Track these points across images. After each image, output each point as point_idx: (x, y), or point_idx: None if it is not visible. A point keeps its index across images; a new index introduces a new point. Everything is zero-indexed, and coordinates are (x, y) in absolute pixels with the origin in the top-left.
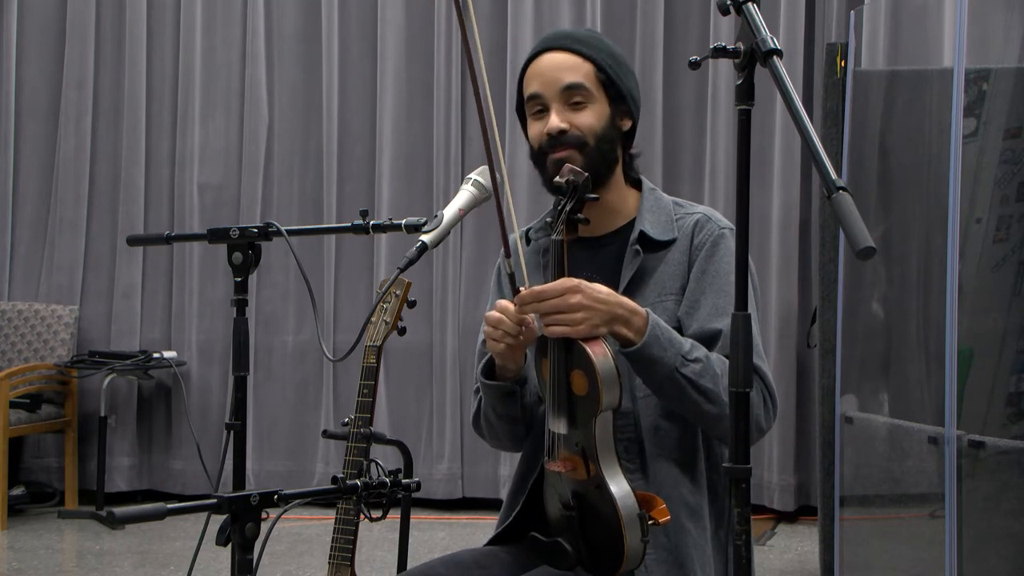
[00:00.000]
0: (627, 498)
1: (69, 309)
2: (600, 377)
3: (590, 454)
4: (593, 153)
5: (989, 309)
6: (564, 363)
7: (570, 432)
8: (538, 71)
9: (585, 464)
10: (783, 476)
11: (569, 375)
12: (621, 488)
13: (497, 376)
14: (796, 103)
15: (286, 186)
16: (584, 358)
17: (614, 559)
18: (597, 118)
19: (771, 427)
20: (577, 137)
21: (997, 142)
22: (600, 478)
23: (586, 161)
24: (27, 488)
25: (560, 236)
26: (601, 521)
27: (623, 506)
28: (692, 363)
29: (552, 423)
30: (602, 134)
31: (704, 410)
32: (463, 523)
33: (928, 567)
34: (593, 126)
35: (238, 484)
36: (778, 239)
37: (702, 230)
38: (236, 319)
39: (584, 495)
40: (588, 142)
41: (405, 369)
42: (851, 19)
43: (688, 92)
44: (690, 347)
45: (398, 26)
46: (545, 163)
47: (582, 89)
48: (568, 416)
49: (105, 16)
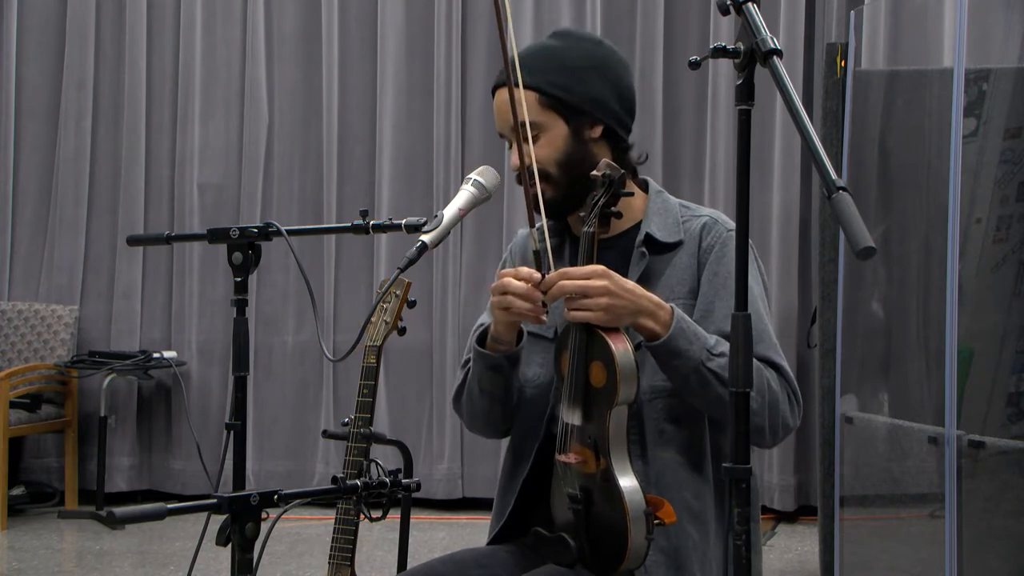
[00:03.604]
0: (635, 493)
1: (69, 309)
2: (619, 369)
3: (601, 447)
4: (560, 179)
5: (989, 309)
6: (584, 353)
7: (584, 424)
8: (495, 110)
9: (596, 457)
10: (783, 476)
11: (588, 366)
12: (630, 483)
13: (488, 348)
14: (796, 103)
15: (286, 186)
16: (605, 350)
17: (616, 555)
18: (553, 146)
19: (798, 424)
20: (539, 170)
21: (997, 142)
22: (609, 472)
23: (555, 190)
24: (27, 488)
25: (592, 228)
26: (607, 516)
27: (630, 501)
28: (717, 357)
29: (567, 414)
30: (564, 159)
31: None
32: (463, 523)
33: (928, 567)
34: (550, 155)
35: (238, 484)
36: (778, 239)
37: (709, 233)
38: (236, 319)
39: (592, 489)
40: (551, 171)
41: (405, 369)
42: (851, 19)
43: (688, 92)
44: (715, 342)
45: (398, 26)
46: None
47: (532, 124)
48: (583, 407)
49: (105, 16)
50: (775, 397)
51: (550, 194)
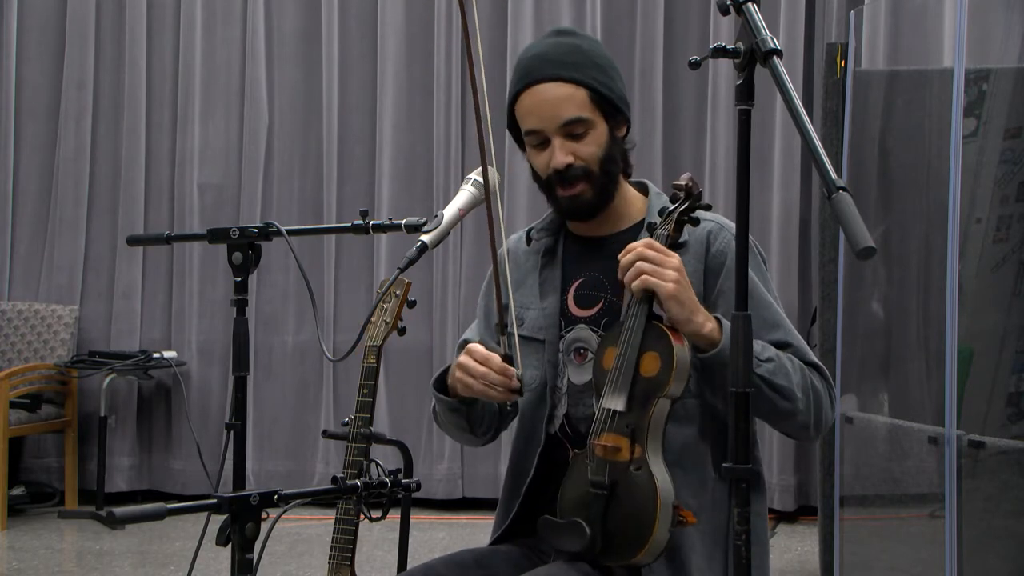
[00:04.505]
0: (666, 483)
1: (69, 309)
2: (676, 363)
3: (639, 436)
4: (600, 179)
5: (989, 309)
6: (640, 341)
7: (626, 411)
8: (533, 106)
9: (631, 446)
10: (783, 476)
11: (641, 355)
12: (663, 474)
13: (448, 391)
14: (796, 103)
15: (286, 186)
16: (664, 342)
17: (635, 544)
18: (598, 143)
19: (835, 419)
20: (583, 168)
21: (997, 142)
22: (643, 461)
23: (594, 190)
24: (27, 488)
25: (667, 231)
26: (633, 504)
27: (663, 491)
28: (765, 363)
29: (608, 400)
30: (605, 156)
31: (780, 407)
32: (463, 523)
33: (928, 567)
34: (596, 153)
35: (238, 484)
36: (778, 239)
37: (717, 239)
38: (236, 319)
39: (619, 477)
40: (593, 170)
41: (405, 369)
42: (851, 19)
43: (688, 92)
44: (761, 347)
45: (398, 26)
46: (555, 195)
47: (581, 121)
48: (628, 394)
49: (105, 16)
50: (819, 396)
51: (588, 195)
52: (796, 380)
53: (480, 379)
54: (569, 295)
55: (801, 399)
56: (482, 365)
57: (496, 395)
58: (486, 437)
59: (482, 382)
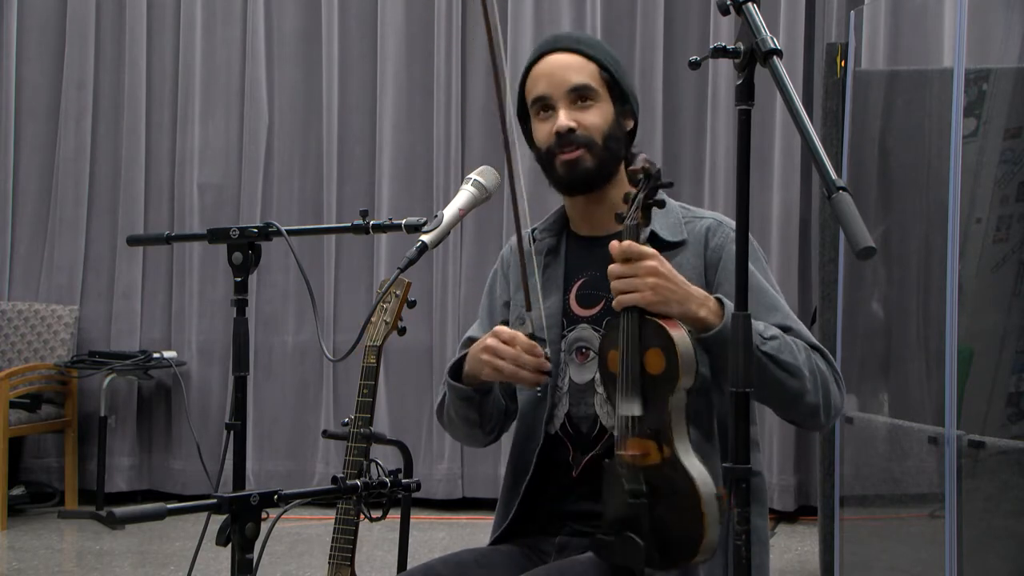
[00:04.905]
0: (703, 475)
1: (69, 309)
2: (680, 353)
3: (664, 436)
4: (601, 152)
5: (989, 309)
6: (638, 343)
7: (644, 414)
8: (544, 72)
9: (659, 447)
10: (783, 476)
11: (643, 355)
12: (697, 468)
13: (464, 380)
14: (796, 103)
15: (286, 186)
16: (663, 336)
17: (690, 546)
18: (603, 118)
19: (844, 405)
20: (585, 137)
21: (997, 142)
22: (675, 458)
23: (595, 160)
24: (27, 488)
25: (635, 220)
26: (676, 505)
27: (701, 485)
28: (769, 340)
29: (623, 407)
30: (608, 133)
31: (788, 386)
32: (463, 523)
33: (928, 567)
34: (600, 125)
35: (238, 484)
36: (778, 239)
37: (715, 235)
38: (236, 319)
39: (657, 481)
40: (596, 141)
41: (405, 369)
42: (851, 19)
43: (688, 92)
44: (764, 326)
45: (398, 26)
46: (554, 164)
47: (589, 89)
48: (642, 397)
49: (105, 16)
50: (825, 378)
51: (588, 162)
52: (802, 359)
53: (511, 360)
54: (571, 294)
55: (808, 378)
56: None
57: (527, 376)
58: (491, 436)
59: (513, 363)
